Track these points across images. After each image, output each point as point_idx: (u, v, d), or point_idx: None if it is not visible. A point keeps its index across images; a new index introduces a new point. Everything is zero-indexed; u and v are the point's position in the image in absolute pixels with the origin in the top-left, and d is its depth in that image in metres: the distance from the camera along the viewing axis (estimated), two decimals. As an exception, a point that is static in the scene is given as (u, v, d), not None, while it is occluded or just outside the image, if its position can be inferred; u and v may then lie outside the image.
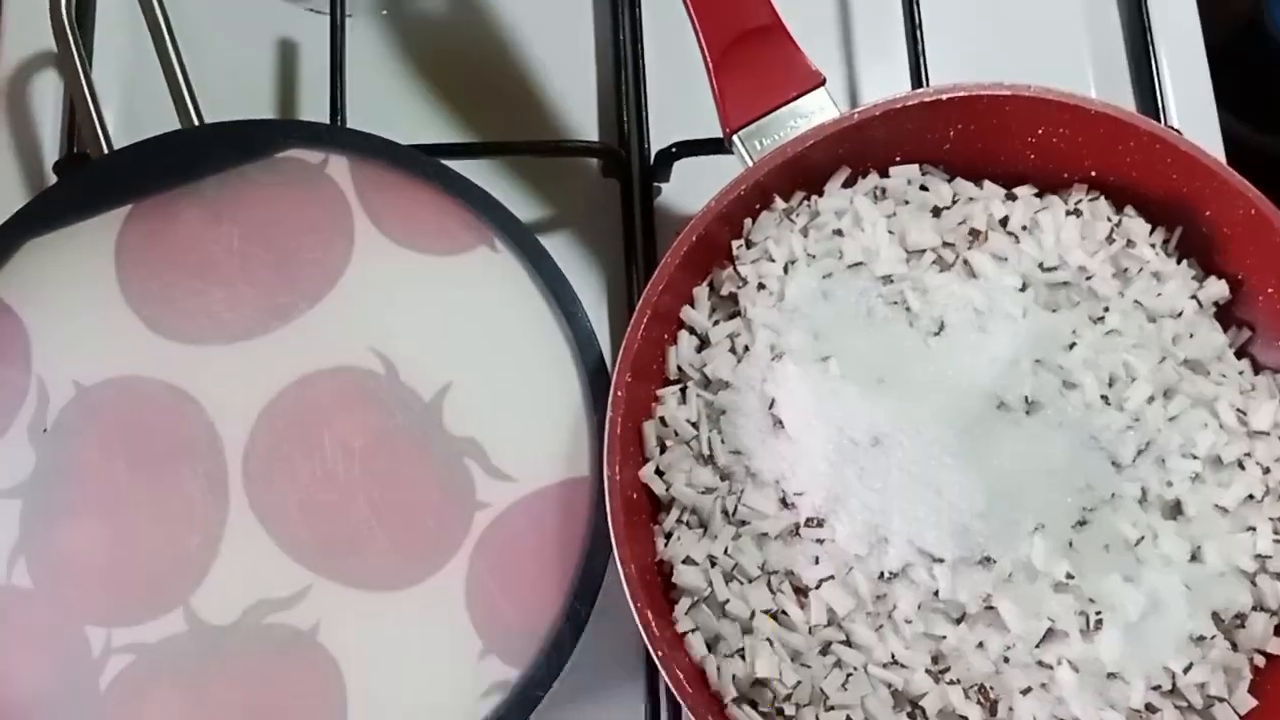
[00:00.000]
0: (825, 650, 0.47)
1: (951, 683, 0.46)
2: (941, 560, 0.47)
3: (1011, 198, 0.53)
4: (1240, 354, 0.52)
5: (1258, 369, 0.52)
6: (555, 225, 0.62)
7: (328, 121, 0.59)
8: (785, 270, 0.51)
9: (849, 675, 0.47)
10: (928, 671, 0.46)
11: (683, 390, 0.51)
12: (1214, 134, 0.64)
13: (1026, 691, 0.46)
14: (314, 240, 0.54)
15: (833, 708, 0.46)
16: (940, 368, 0.49)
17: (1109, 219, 0.52)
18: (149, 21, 0.57)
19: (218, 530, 0.50)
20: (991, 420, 0.48)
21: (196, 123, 0.56)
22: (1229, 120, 0.65)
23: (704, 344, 0.52)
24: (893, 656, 0.46)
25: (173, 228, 0.53)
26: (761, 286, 0.52)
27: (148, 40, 0.57)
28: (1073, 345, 0.49)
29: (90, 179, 0.55)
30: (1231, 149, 0.63)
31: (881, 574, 0.47)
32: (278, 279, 0.53)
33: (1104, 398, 0.49)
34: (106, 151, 0.55)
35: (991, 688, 0.46)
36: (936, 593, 0.46)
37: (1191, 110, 0.64)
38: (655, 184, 0.61)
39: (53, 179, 0.60)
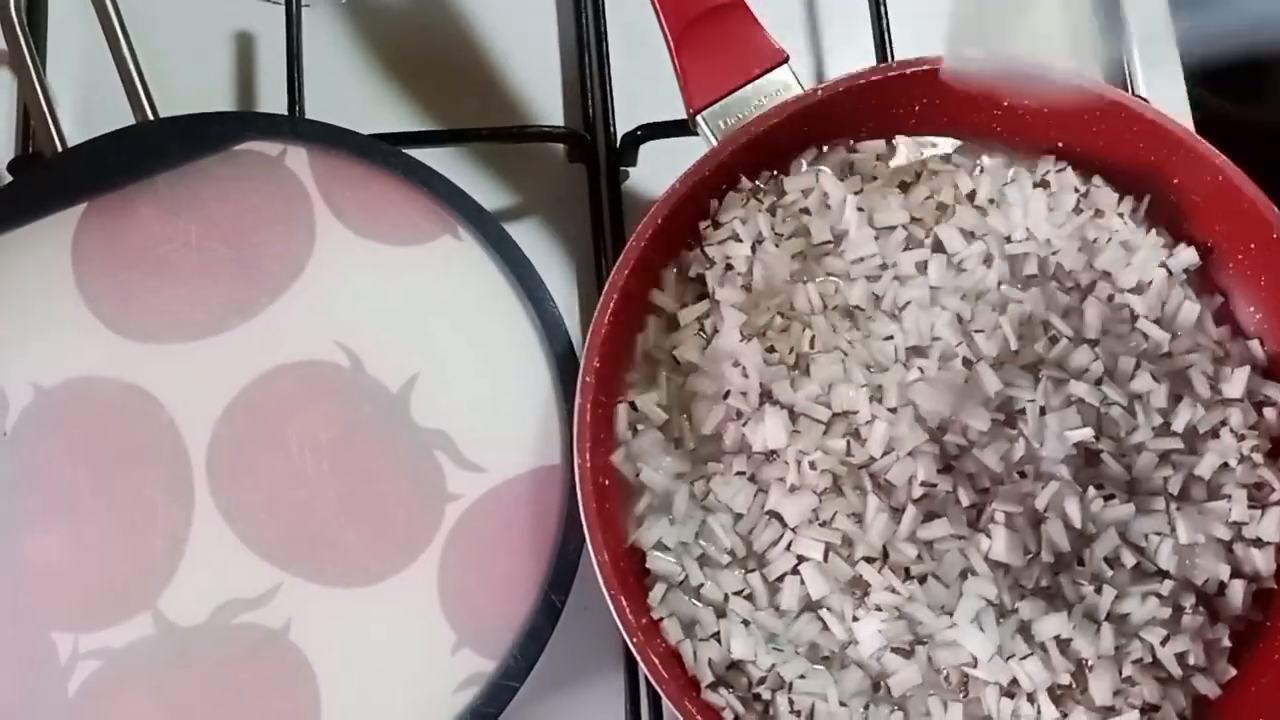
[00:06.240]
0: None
1: (928, 659, 0.46)
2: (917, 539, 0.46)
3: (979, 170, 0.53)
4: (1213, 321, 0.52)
5: (1230, 335, 0.52)
6: (522, 212, 0.61)
7: (285, 113, 0.58)
8: (753, 250, 0.51)
9: (824, 657, 0.46)
10: (903, 652, 0.46)
11: (652, 374, 0.51)
12: (1182, 103, 0.63)
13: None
14: (274, 233, 0.53)
15: (808, 690, 0.46)
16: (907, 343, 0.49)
17: (1076, 189, 0.52)
18: (101, 17, 0.56)
19: (183, 531, 0.49)
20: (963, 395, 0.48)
21: (151, 117, 0.55)
22: (1204, 95, 0.64)
23: (673, 327, 0.51)
24: (867, 637, 0.46)
25: (129, 225, 0.52)
26: (729, 267, 0.51)
27: (102, 36, 0.56)
28: (1043, 320, 0.49)
29: (44, 178, 0.54)
30: (1209, 123, 0.63)
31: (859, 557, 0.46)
32: (238, 274, 0.52)
33: (1075, 370, 0.48)
34: (61, 150, 0.54)
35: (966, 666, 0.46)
36: (909, 574, 0.46)
37: (1159, 79, 0.64)
38: (622, 168, 0.61)
39: (7, 178, 0.59)
